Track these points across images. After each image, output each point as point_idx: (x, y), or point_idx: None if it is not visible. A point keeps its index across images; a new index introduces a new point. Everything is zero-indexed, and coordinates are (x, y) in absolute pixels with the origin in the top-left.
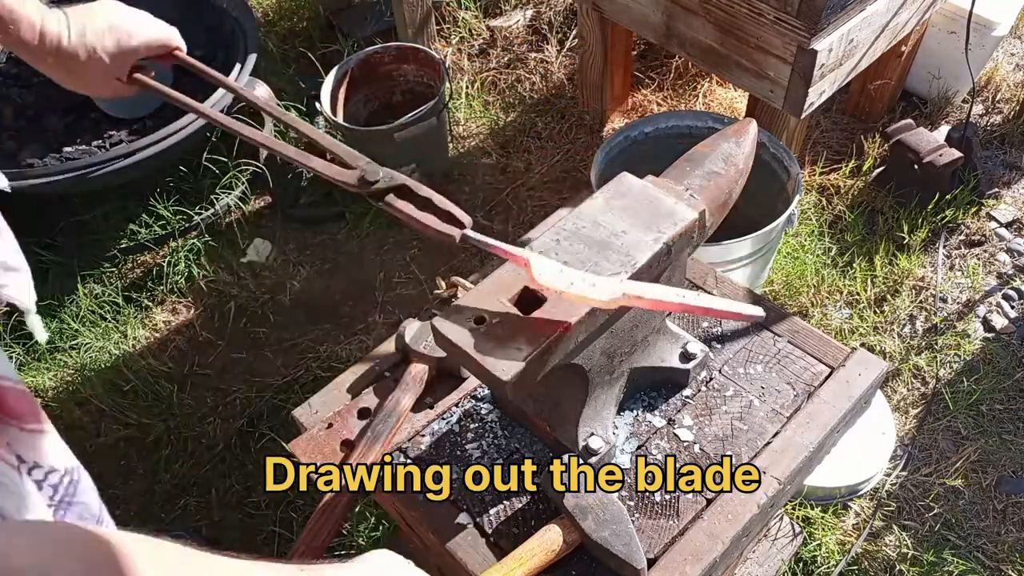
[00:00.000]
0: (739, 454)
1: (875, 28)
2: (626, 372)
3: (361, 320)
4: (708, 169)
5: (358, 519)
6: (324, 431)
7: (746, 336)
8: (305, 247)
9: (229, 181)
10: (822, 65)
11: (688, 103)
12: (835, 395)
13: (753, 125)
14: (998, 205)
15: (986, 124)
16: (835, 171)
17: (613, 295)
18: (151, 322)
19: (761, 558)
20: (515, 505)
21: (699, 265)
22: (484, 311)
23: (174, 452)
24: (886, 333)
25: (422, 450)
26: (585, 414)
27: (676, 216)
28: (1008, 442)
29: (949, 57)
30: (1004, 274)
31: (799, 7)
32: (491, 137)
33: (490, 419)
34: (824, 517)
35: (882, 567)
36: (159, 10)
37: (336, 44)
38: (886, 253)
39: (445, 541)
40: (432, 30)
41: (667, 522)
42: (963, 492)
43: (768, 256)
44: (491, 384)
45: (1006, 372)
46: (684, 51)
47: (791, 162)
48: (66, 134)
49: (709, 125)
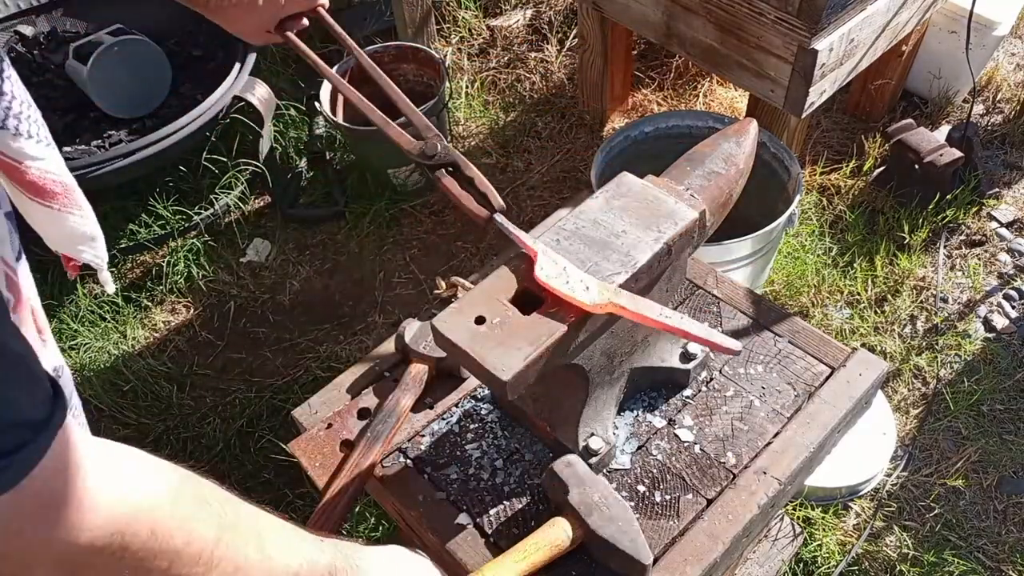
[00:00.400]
0: (740, 454)
1: (875, 28)
2: (626, 372)
3: (361, 320)
4: (708, 169)
5: (358, 519)
6: (324, 431)
7: (746, 336)
8: (305, 247)
9: (228, 181)
10: (822, 65)
11: (688, 103)
12: (836, 395)
13: (753, 125)
14: (999, 205)
15: (987, 124)
16: (836, 171)
17: (599, 301)
18: (150, 322)
19: (761, 558)
20: (515, 505)
21: (699, 265)
22: (484, 311)
23: (173, 452)
24: (887, 333)
25: (422, 450)
26: (585, 414)
27: (676, 216)
28: (1009, 442)
29: (950, 57)
30: (1005, 274)
31: (799, 7)
32: (491, 137)
33: (490, 419)
34: (825, 517)
35: (883, 567)
36: (160, 9)
37: (336, 44)
38: (887, 253)
39: (445, 541)
40: (432, 30)
41: (667, 522)
42: (964, 492)
43: (769, 256)
44: (491, 384)
45: (1007, 372)
46: (684, 51)
47: (791, 162)
48: (65, 133)
49: (709, 125)
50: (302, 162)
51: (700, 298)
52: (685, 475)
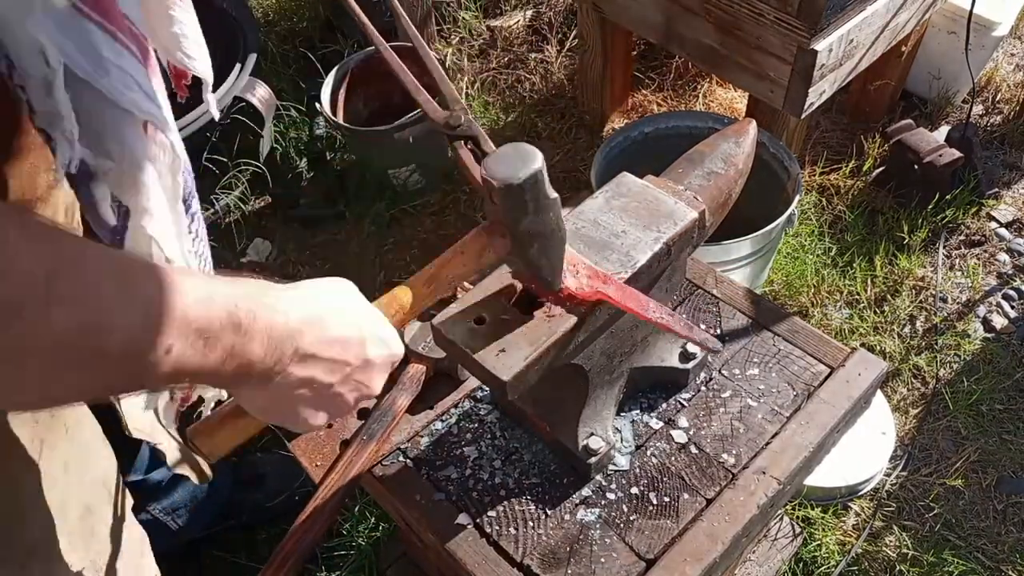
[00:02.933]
0: (739, 454)
1: (875, 28)
2: (626, 372)
3: None
4: (708, 169)
5: (358, 519)
6: (324, 431)
7: (746, 336)
8: (305, 247)
9: (229, 181)
10: (822, 65)
11: (688, 103)
12: (835, 395)
13: (753, 125)
14: (998, 205)
15: (986, 124)
16: (835, 171)
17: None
18: None
19: (761, 558)
20: (515, 505)
21: (699, 265)
22: (484, 311)
23: None
24: (886, 333)
25: (421, 450)
26: (585, 414)
27: (676, 216)
28: (1008, 442)
29: (949, 57)
30: (1004, 274)
31: (799, 7)
32: (491, 137)
33: (489, 420)
34: (824, 517)
35: (882, 567)
36: None
37: (336, 44)
38: (886, 253)
39: (445, 541)
40: (432, 30)
41: (667, 522)
42: (963, 492)
43: (768, 256)
44: (491, 384)
45: (1006, 372)
46: (684, 51)
47: (791, 162)
48: None
49: (709, 125)
50: (302, 162)
51: (699, 298)
52: (684, 475)
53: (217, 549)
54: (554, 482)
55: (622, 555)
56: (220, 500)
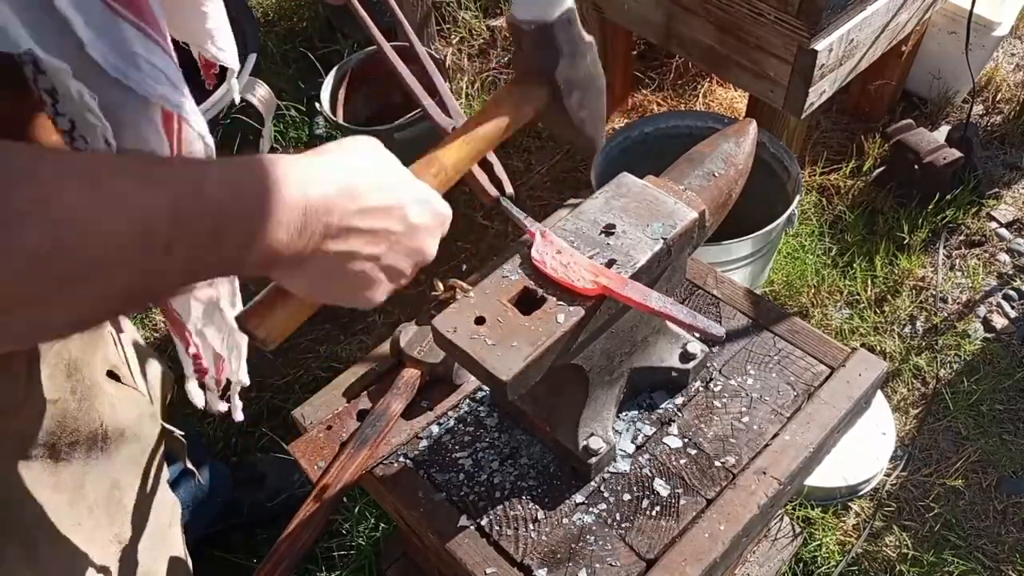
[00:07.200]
0: (739, 455)
1: (875, 28)
2: (626, 372)
3: (360, 320)
4: (708, 169)
5: (358, 519)
6: (324, 432)
7: (746, 336)
8: None
9: None
10: (822, 65)
11: (688, 103)
12: (835, 395)
13: (753, 125)
14: (998, 205)
15: (986, 124)
16: (835, 171)
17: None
18: (151, 322)
19: (761, 558)
20: (514, 505)
21: (699, 265)
22: (484, 311)
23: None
24: (886, 333)
25: (422, 451)
26: (585, 415)
27: (676, 216)
28: (1008, 442)
29: (949, 57)
30: (1004, 274)
31: (799, 7)
32: None
33: (489, 421)
34: (824, 517)
35: (882, 567)
36: None
37: (336, 44)
38: (886, 253)
39: (445, 541)
40: (432, 30)
41: (667, 523)
42: (963, 492)
43: (768, 256)
44: (491, 385)
45: (1006, 372)
46: (684, 51)
47: (791, 162)
48: None
49: (709, 125)
50: None
51: (700, 298)
52: (684, 475)
53: (217, 549)
54: (553, 483)
55: (622, 555)
56: (220, 500)
